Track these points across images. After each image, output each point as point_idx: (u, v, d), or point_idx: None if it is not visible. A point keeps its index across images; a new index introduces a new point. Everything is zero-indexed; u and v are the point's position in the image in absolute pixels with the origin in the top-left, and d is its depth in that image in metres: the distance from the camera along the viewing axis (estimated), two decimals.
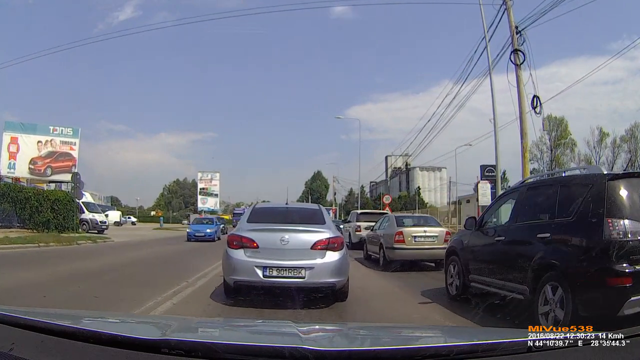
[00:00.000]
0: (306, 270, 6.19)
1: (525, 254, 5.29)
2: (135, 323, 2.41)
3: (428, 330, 2.74)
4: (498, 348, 1.52)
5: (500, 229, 6.37)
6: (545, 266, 4.80)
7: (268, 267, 6.20)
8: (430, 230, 11.75)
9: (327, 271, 6.30)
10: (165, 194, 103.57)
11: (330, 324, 3.77)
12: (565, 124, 61.75)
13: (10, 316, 1.64)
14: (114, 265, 11.55)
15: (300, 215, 7.44)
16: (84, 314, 2.45)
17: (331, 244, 6.42)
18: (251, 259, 6.29)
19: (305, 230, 6.58)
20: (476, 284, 6.53)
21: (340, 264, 6.45)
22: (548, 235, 4.93)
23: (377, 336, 2.25)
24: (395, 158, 73.91)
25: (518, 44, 14.74)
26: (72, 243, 17.99)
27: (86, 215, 27.56)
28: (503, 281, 5.68)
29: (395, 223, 12.17)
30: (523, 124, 15.18)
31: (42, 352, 1.46)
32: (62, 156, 35.52)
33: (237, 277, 6.39)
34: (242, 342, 1.59)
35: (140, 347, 1.46)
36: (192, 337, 1.81)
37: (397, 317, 6.17)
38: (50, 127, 36.09)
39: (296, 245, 6.36)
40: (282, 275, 6.22)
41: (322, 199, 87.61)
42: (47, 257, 12.97)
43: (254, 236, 6.45)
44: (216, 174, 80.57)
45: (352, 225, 20.62)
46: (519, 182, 7.47)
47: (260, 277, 6.17)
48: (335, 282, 6.36)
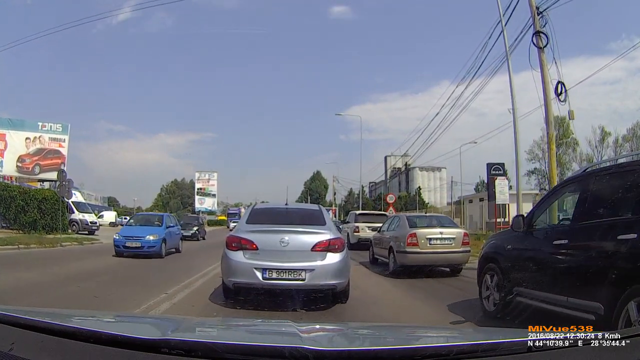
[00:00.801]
0: (306, 272, 6.14)
1: (599, 261, 4.35)
2: (135, 323, 2.44)
3: (428, 330, 2.76)
4: (498, 348, 1.53)
5: (559, 230, 5.48)
6: (630, 277, 3.83)
7: (268, 269, 6.13)
8: (446, 231, 10.75)
9: (328, 273, 6.25)
10: (163, 194, 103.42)
11: (330, 324, 3.79)
12: (567, 123, 61.76)
13: (10, 316, 1.65)
14: (94, 270, 10.49)
15: (300, 216, 7.34)
16: (84, 313, 2.47)
17: (332, 245, 6.36)
18: (250, 261, 6.22)
19: (305, 231, 6.53)
20: (524, 299, 5.35)
21: (342, 266, 6.39)
22: (634, 236, 3.92)
23: (377, 336, 2.27)
24: (395, 158, 73.92)
25: (540, 25, 13.30)
26: (56, 245, 17.15)
27: (76, 216, 26.69)
28: (565, 297, 4.64)
29: (407, 224, 11.11)
30: (548, 112, 13.65)
31: (42, 352, 1.47)
32: (51, 153, 34.77)
33: (236, 279, 6.35)
34: (242, 342, 1.60)
35: (140, 347, 1.47)
36: (192, 337, 1.82)
37: None
38: (39, 123, 35.32)
39: (296, 247, 6.31)
40: (282, 277, 6.15)
41: (321, 199, 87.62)
42: (22, 260, 12.19)
43: (254, 237, 6.39)
44: (214, 174, 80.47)
45: (350, 225, 21.07)
46: (579, 170, 6.59)
47: (259, 279, 6.12)
48: (337, 284, 6.33)
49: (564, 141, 58.96)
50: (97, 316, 2.40)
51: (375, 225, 20.19)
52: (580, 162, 57.89)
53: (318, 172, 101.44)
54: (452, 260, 10.59)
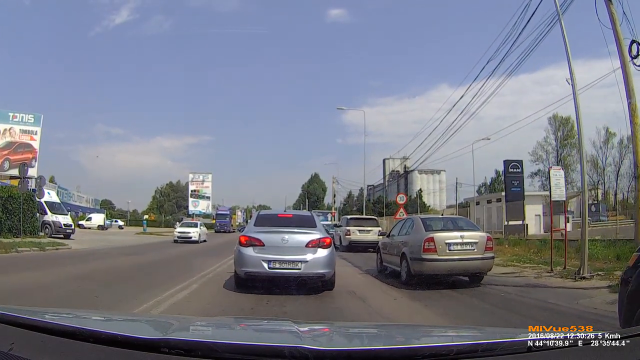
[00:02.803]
0: (302, 263, 8.05)
1: None
2: (135, 322, 2.46)
3: (428, 330, 2.79)
4: (498, 348, 1.56)
5: None
6: None
7: (272, 260, 8.02)
8: (467, 235, 9.69)
9: (318, 264, 8.13)
10: (157, 197, 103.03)
11: (330, 324, 3.82)
12: (572, 124, 61.84)
13: (10, 316, 1.68)
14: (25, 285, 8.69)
15: (296, 220, 9.26)
16: (84, 313, 2.49)
17: (321, 243, 8.29)
18: (258, 255, 8.08)
19: (301, 231, 8.45)
20: None
21: (329, 259, 8.33)
22: None
23: (377, 336, 2.31)
24: (393, 161, 73.56)
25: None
26: (10, 250, 15.22)
27: (49, 217, 24.63)
28: None
29: (422, 227, 10.09)
30: (628, 77, 10.86)
31: (42, 352, 1.50)
32: (22, 147, 33.31)
33: (247, 269, 8.17)
34: (242, 342, 1.64)
35: (140, 346, 1.50)
36: (192, 336, 1.86)
37: None
38: (10, 113, 33.84)
39: (294, 244, 8.21)
40: (283, 267, 8.06)
41: (319, 202, 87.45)
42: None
43: (261, 237, 8.29)
44: (208, 175, 79.28)
45: (342, 229, 23.02)
46: None
47: (266, 268, 7.99)
48: (325, 272, 8.25)
49: (568, 142, 59.05)
50: (97, 316, 2.43)
51: (366, 229, 21.79)
52: (586, 163, 57.62)
53: (316, 174, 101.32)
54: (474, 268, 9.63)
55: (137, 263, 14.75)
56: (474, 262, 9.50)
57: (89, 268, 12.58)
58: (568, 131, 62.15)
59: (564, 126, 62.26)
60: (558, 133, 63.05)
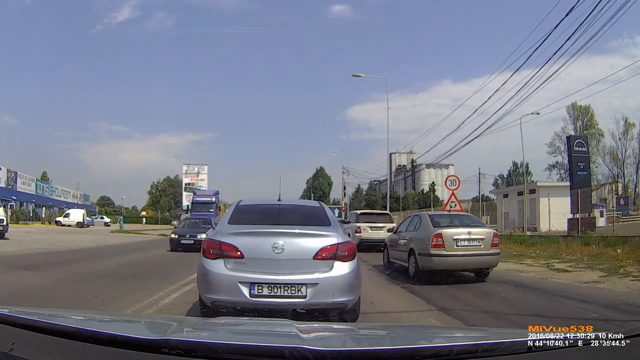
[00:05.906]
0: (308, 287, 5.00)
1: None
2: (135, 323, 2.54)
3: (428, 330, 2.86)
4: (498, 348, 1.62)
5: None
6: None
7: (257, 283, 4.98)
8: (475, 231, 10.34)
9: (336, 288, 5.14)
10: (153, 192, 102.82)
11: (330, 324, 3.88)
12: (592, 113, 61.34)
13: (11, 316, 1.74)
14: None
15: (298, 214, 6.14)
16: (84, 313, 2.57)
17: (340, 252, 5.24)
18: (234, 273, 5.07)
19: (306, 233, 5.40)
20: None
21: (353, 279, 5.31)
22: None
23: (378, 336, 2.39)
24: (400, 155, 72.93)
25: None
26: None
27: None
28: None
29: (430, 223, 10.71)
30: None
31: (42, 352, 1.56)
32: None
33: (214, 296, 5.17)
34: (242, 342, 1.70)
35: (140, 347, 1.56)
36: (192, 337, 1.93)
37: None
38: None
39: (294, 254, 5.18)
40: (275, 294, 5.01)
41: (325, 198, 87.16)
42: None
43: (238, 242, 5.22)
44: (204, 167, 73.70)
45: (351, 226, 20.96)
46: None
47: (246, 296, 4.97)
48: (347, 301, 5.21)
49: (588, 132, 58.50)
50: (97, 316, 2.50)
51: (378, 225, 20.39)
52: (603, 156, 57.23)
53: (321, 168, 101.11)
54: (481, 263, 10.24)
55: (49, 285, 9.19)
56: (481, 258, 10.13)
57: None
58: (588, 120, 61.64)
59: (584, 115, 61.72)
60: (577, 123, 62.52)
